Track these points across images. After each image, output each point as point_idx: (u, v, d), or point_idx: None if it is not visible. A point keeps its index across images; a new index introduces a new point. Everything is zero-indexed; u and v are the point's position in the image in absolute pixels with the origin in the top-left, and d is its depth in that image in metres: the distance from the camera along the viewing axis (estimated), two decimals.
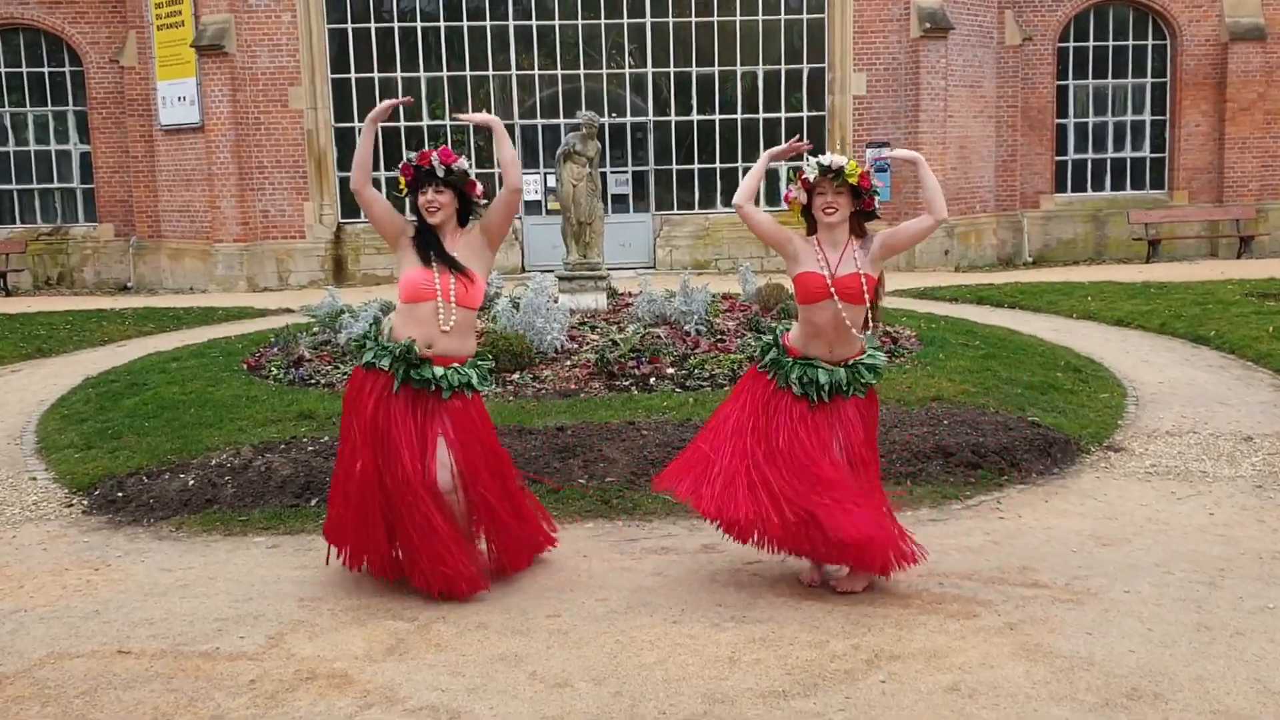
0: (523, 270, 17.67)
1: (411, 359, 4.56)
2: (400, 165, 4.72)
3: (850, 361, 4.60)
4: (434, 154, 4.60)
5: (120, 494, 6.17)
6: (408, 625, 4.38)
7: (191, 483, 6.14)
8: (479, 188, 4.73)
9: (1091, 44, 20.02)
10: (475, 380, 4.70)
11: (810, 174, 4.51)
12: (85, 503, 6.20)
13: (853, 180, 4.47)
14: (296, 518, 5.71)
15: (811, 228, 4.66)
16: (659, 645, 4.14)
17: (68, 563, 5.24)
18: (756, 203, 4.72)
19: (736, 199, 4.65)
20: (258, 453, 6.49)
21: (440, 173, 4.61)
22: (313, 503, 5.84)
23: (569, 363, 8.55)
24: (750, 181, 4.65)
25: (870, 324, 4.68)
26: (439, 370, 4.58)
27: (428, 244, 4.62)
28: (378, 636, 4.28)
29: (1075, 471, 6.41)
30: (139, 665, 4.04)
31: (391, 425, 4.54)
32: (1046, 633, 4.18)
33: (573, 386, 8.00)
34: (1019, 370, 8.57)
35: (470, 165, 4.71)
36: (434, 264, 4.59)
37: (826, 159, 4.46)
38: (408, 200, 4.74)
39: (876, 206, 4.60)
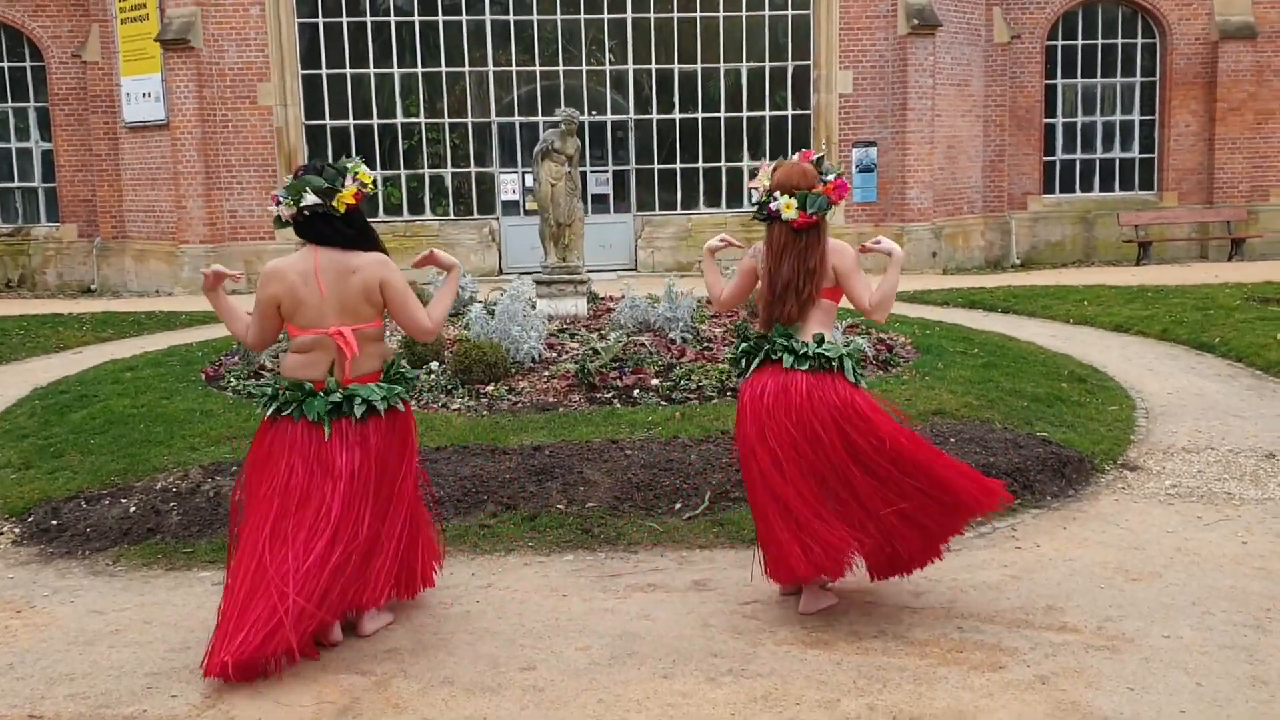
0: (500, 273, 17.16)
1: None
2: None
3: None
4: None
5: (55, 521, 5.63)
6: (364, 680, 3.88)
7: (133, 509, 5.62)
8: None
9: (1080, 42, 19.65)
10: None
11: None
12: (16, 531, 5.66)
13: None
14: None
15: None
16: (648, 706, 3.66)
17: None
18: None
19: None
20: (207, 475, 5.96)
21: None
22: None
23: (547, 373, 8.05)
24: None
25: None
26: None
27: None
28: (329, 694, 3.77)
29: (1092, 493, 5.97)
30: None
31: None
32: (1083, 688, 3.72)
33: (551, 399, 7.50)
34: (1022, 381, 8.12)
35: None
36: None
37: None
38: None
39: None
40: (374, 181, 4.18)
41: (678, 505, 5.56)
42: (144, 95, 17.36)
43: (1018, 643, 4.09)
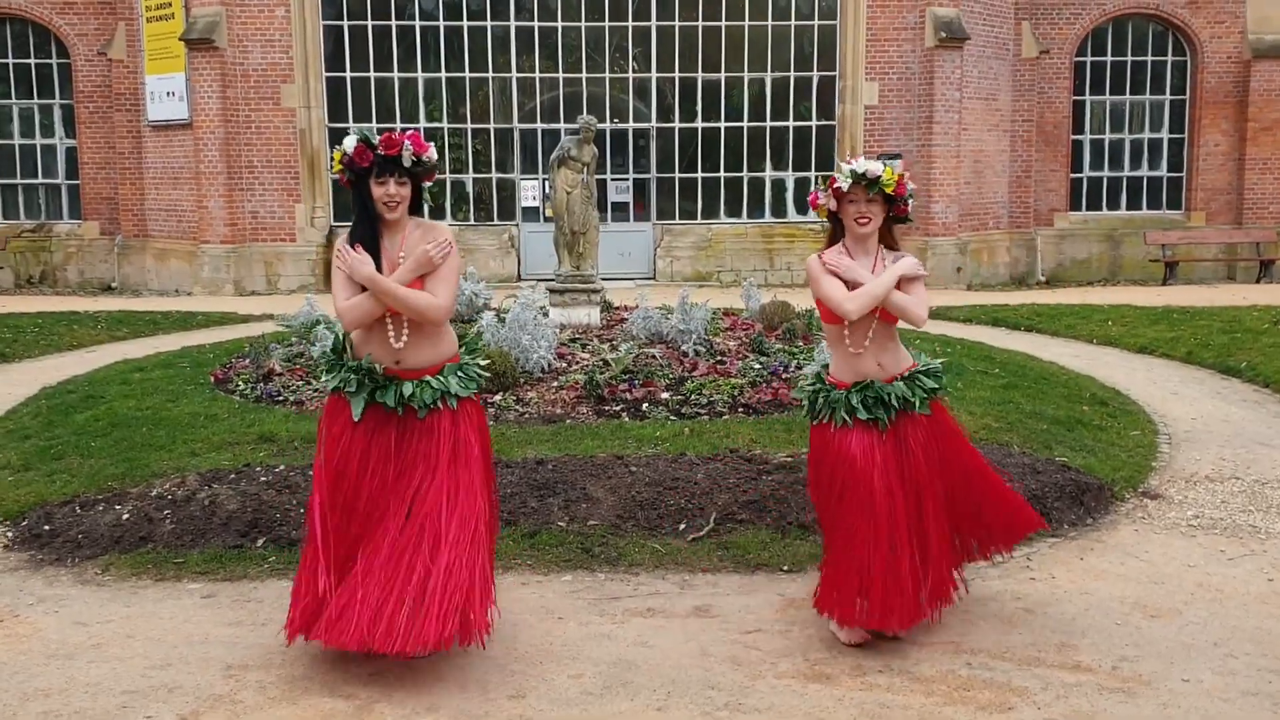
0: (519, 279, 17.07)
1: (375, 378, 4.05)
2: (354, 147, 3.96)
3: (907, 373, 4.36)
4: (405, 140, 3.98)
5: (48, 527, 5.53)
6: (345, 705, 3.75)
7: (126, 516, 5.50)
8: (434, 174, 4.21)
9: (1110, 59, 19.42)
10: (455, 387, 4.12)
11: (843, 182, 4.11)
12: (9, 535, 5.56)
13: (889, 190, 4.11)
14: (238, 561, 5.07)
15: (837, 233, 4.29)
16: None
17: None
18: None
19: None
20: (204, 482, 5.84)
21: (408, 163, 4.01)
22: (259, 544, 5.20)
23: (556, 384, 7.92)
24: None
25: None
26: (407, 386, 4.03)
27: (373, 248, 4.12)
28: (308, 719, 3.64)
29: (1110, 522, 5.77)
30: None
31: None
32: None
33: (559, 411, 7.37)
34: (1042, 403, 7.93)
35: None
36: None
37: (860, 165, 4.09)
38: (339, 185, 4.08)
39: (910, 212, 4.29)
40: (344, 154, 4.02)
41: (682, 526, 5.41)
42: (168, 94, 17.38)
43: (1028, 682, 3.91)
